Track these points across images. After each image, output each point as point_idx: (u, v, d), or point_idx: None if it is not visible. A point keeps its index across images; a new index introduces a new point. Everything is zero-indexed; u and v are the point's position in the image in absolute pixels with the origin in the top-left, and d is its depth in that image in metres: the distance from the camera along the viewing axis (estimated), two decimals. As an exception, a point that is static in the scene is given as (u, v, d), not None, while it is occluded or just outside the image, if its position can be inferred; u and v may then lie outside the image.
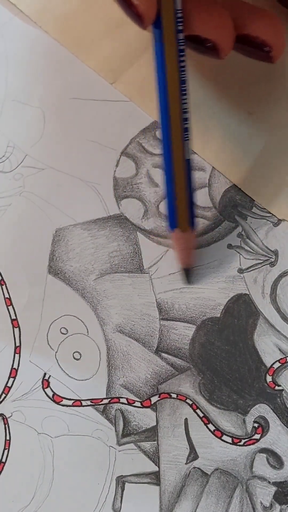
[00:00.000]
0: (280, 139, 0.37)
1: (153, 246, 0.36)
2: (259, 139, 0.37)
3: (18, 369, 0.35)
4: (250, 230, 0.36)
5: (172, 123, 0.32)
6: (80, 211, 0.37)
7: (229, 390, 0.34)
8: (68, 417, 0.34)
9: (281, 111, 0.38)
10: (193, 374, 0.34)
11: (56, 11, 0.40)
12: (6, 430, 0.34)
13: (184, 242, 0.34)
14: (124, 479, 0.33)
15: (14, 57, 0.40)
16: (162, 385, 0.34)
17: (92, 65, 0.39)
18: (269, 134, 0.37)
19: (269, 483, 0.33)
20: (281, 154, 0.37)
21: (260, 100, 0.38)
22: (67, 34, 0.40)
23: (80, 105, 0.39)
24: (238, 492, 0.32)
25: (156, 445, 0.33)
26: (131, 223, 0.37)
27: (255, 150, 0.37)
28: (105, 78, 0.39)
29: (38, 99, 0.39)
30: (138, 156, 0.38)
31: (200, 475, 0.33)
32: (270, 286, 0.35)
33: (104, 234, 0.37)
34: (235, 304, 0.35)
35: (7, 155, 0.38)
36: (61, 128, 0.39)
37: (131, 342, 0.35)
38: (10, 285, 0.36)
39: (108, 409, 0.34)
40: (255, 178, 0.37)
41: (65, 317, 0.35)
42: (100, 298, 0.36)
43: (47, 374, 0.34)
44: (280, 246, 0.36)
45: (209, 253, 0.36)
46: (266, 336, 0.34)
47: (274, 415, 0.33)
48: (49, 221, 0.37)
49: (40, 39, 0.40)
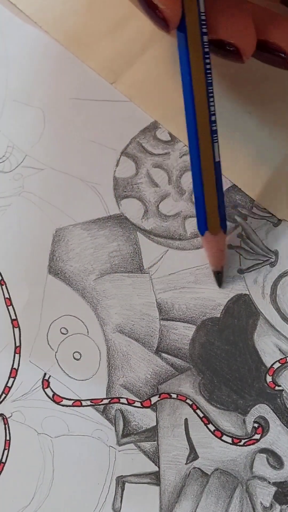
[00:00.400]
0: (280, 139, 0.37)
1: (153, 246, 0.36)
2: (259, 139, 0.37)
3: (18, 369, 0.35)
4: (250, 230, 0.36)
5: (199, 126, 0.32)
6: (80, 211, 0.37)
7: (229, 390, 0.34)
8: (68, 417, 0.34)
9: (281, 109, 0.38)
10: (193, 374, 0.34)
11: (56, 11, 0.40)
12: (6, 430, 0.34)
13: (215, 245, 0.34)
14: (124, 479, 0.33)
15: (14, 57, 0.40)
16: (162, 385, 0.34)
17: (92, 65, 0.39)
18: (269, 134, 0.37)
19: (269, 483, 0.33)
20: (281, 154, 0.37)
21: (263, 101, 0.38)
22: (67, 34, 0.40)
23: (80, 105, 0.39)
24: (238, 492, 0.32)
25: (156, 445, 0.33)
26: (131, 223, 0.37)
27: (254, 150, 0.37)
28: (105, 78, 0.39)
29: (38, 99, 0.39)
30: (138, 156, 0.38)
31: (200, 475, 0.33)
32: (270, 286, 0.35)
33: (104, 234, 0.37)
34: (235, 304, 0.35)
35: (7, 155, 0.38)
36: (61, 128, 0.39)
37: (131, 342, 0.35)
38: (10, 285, 0.36)
39: (108, 409, 0.34)
40: (255, 178, 0.37)
41: (65, 317, 0.35)
42: (100, 298, 0.36)
43: (47, 374, 0.34)
44: (280, 247, 0.36)
45: (209, 253, 0.36)
46: (266, 336, 0.34)
47: (274, 415, 0.33)
48: (49, 221, 0.37)
49: (40, 39, 0.40)
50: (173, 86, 0.38)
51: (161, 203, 0.37)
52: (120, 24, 0.38)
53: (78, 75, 0.39)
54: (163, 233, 0.37)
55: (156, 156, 0.38)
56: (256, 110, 0.38)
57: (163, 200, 0.37)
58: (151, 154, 0.38)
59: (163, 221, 0.37)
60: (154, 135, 0.38)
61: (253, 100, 0.38)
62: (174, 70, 0.39)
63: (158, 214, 0.37)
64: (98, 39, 0.40)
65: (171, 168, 0.38)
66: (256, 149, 0.37)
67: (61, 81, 0.39)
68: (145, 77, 0.39)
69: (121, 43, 0.39)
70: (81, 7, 0.40)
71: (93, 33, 0.40)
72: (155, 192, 0.37)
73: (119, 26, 0.39)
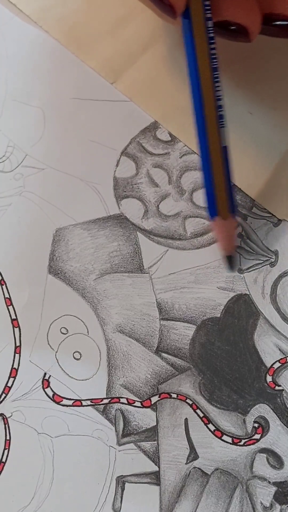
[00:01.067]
0: (280, 139, 0.37)
1: (153, 246, 0.36)
2: (260, 139, 0.37)
3: (18, 369, 0.35)
4: (250, 230, 0.36)
5: (206, 111, 0.32)
6: (80, 211, 0.37)
7: (229, 390, 0.34)
8: (68, 417, 0.34)
9: (281, 109, 0.38)
10: (193, 374, 0.34)
11: (56, 11, 0.40)
12: (6, 430, 0.34)
13: (226, 230, 0.34)
14: (124, 479, 0.33)
15: (14, 57, 0.40)
16: (162, 385, 0.34)
17: (93, 65, 0.39)
18: (269, 134, 0.37)
19: (269, 483, 0.33)
20: (280, 154, 0.37)
21: (263, 100, 0.38)
22: (68, 34, 0.40)
23: (80, 105, 0.39)
24: (238, 492, 0.32)
25: (156, 445, 0.33)
26: (131, 223, 0.37)
27: (255, 150, 0.37)
28: (105, 78, 0.39)
29: (38, 99, 0.39)
30: (138, 156, 0.38)
31: (200, 475, 0.33)
32: (270, 286, 0.35)
33: (104, 234, 0.37)
34: (235, 304, 0.35)
35: (7, 155, 0.38)
36: (61, 128, 0.39)
37: (131, 342, 0.35)
38: (10, 285, 0.36)
39: (108, 409, 0.34)
40: (255, 178, 0.37)
41: (65, 317, 0.35)
42: (100, 298, 0.36)
43: (47, 374, 0.34)
44: (280, 246, 0.36)
45: (209, 253, 0.36)
46: (266, 336, 0.34)
47: (274, 415, 0.33)
48: (49, 221, 0.37)
49: (41, 39, 0.40)
50: (173, 86, 0.38)
51: (161, 203, 0.37)
52: (120, 24, 0.38)
53: (78, 75, 0.39)
54: (163, 233, 0.37)
55: (156, 156, 0.38)
56: (257, 111, 0.38)
57: (163, 200, 0.37)
58: (151, 154, 0.38)
59: (163, 221, 0.37)
60: (154, 135, 0.38)
61: (254, 100, 0.38)
62: (174, 70, 0.39)
63: (158, 214, 0.37)
64: (98, 39, 0.40)
65: (171, 168, 0.38)
66: (257, 149, 0.37)
67: (61, 81, 0.39)
68: (146, 77, 0.39)
69: (121, 43, 0.39)
70: (81, 6, 0.40)
71: (93, 33, 0.40)
72: (155, 192, 0.37)
73: (119, 26, 0.39)
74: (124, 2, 0.40)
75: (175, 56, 0.39)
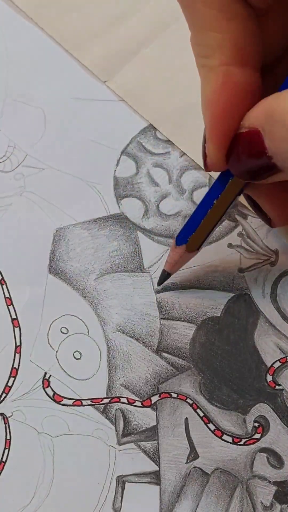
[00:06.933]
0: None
1: (153, 246, 0.36)
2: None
3: (19, 369, 0.35)
4: (250, 229, 0.36)
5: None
6: (80, 210, 0.37)
7: (230, 389, 0.34)
8: (68, 416, 0.34)
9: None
10: (193, 373, 0.34)
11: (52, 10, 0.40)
12: (7, 430, 0.34)
13: (184, 258, 0.33)
14: (124, 478, 0.33)
15: (15, 57, 0.40)
16: (162, 384, 0.34)
17: (93, 65, 0.39)
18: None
19: (270, 483, 0.33)
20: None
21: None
22: (65, 32, 0.40)
23: (80, 105, 0.39)
24: (238, 491, 0.32)
25: (156, 445, 0.33)
26: (132, 222, 0.37)
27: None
28: (105, 78, 0.39)
29: (39, 99, 0.39)
30: (139, 156, 0.38)
31: (200, 475, 0.33)
32: (271, 285, 0.35)
33: (105, 234, 0.37)
34: (236, 303, 0.35)
35: (8, 154, 0.38)
36: (61, 128, 0.39)
37: (132, 341, 0.35)
38: (10, 285, 0.36)
39: (108, 408, 0.34)
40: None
41: (65, 317, 0.35)
42: (100, 298, 0.36)
43: (47, 373, 0.34)
44: (280, 246, 0.36)
45: (210, 252, 0.36)
46: (266, 335, 0.34)
47: (275, 414, 0.33)
48: (50, 220, 0.37)
49: (41, 39, 0.40)
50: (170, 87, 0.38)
51: (161, 203, 0.37)
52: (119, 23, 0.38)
53: (79, 75, 0.39)
54: (163, 233, 0.36)
55: (156, 155, 0.38)
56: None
57: (164, 199, 0.37)
58: (151, 153, 0.38)
59: (164, 221, 0.37)
60: (154, 135, 0.38)
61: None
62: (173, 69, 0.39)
63: (158, 213, 0.37)
64: (96, 38, 0.40)
65: (171, 167, 0.38)
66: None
67: (61, 81, 0.39)
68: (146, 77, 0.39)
69: (121, 43, 0.40)
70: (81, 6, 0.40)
71: (91, 31, 0.40)
72: (156, 192, 0.37)
73: (117, 24, 0.39)
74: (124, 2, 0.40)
75: (174, 55, 0.39)
